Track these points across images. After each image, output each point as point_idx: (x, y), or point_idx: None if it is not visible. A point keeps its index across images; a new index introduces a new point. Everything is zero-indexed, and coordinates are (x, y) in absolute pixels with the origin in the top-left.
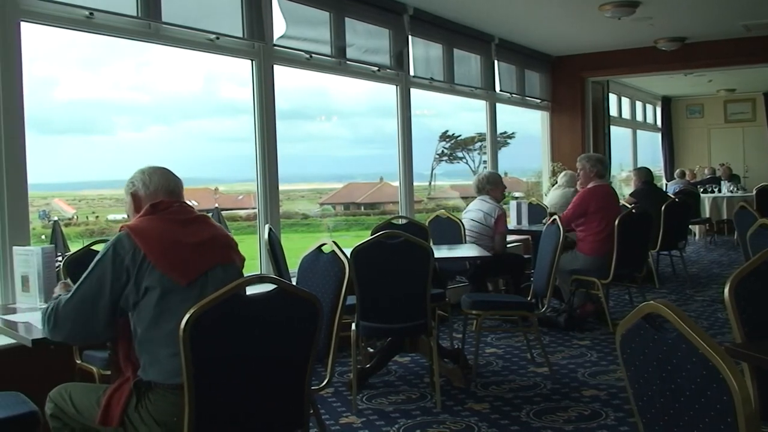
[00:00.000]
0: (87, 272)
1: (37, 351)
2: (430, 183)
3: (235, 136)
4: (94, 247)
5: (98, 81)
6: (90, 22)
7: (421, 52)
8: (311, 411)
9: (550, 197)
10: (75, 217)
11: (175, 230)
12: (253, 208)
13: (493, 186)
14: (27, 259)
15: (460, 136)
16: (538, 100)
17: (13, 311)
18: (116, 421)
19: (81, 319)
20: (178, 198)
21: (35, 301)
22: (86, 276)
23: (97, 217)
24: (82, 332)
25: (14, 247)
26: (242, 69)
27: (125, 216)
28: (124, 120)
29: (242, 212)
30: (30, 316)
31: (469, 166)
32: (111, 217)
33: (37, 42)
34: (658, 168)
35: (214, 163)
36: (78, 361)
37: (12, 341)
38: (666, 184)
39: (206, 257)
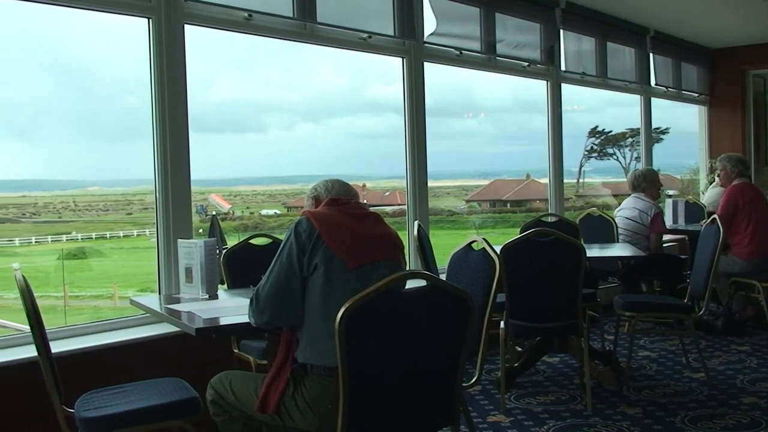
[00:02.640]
0: (276, 256)
1: (198, 339)
2: (578, 180)
3: (381, 133)
4: (252, 242)
5: (250, 81)
6: (249, 23)
7: (573, 47)
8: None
9: (708, 195)
10: (231, 212)
11: (349, 221)
12: (400, 205)
13: (649, 184)
14: (190, 251)
15: (610, 131)
16: (696, 95)
17: (177, 301)
18: (273, 409)
19: (280, 299)
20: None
21: (197, 292)
22: (276, 258)
23: (251, 212)
24: (282, 311)
25: (178, 240)
26: (388, 67)
27: (277, 212)
28: (275, 118)
29: (389, 208)
30: (193, 306)
31: (620, 163)
32: (264, 212)
33: (194, 44)
34: None
35: (360, 160)
36: (235, 351)
37: (176, 329)
38: None
39: (376, 249)
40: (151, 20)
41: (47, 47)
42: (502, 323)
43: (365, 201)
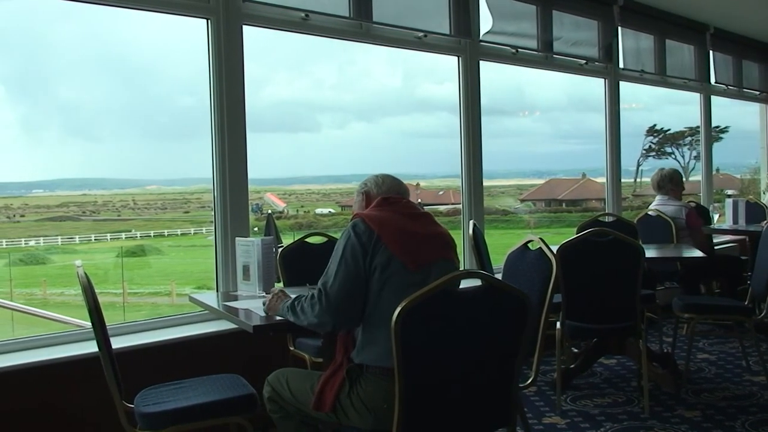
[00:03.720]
0: (336, 259)
1: (255, 337)
2: (635, 179)
3: (434, 132)
4: (308, 240)
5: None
6: (305, 23)
7: (631, 44)
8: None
9: None
10: (286, 210)
11: (405, 221)
12: (453, 204)
13: (674, 186)
14: (248, 249)
15: (669, 130)
16: (757, 92)
17: (234, 298)
18: (329, 407)
19: (349, 300)
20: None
21: (255, 290)
22: (340, 260)
23: (306, 211)
24: (351, 311)
25: (236, 238)
26: (440, 66)
27: (331, 210)
28: (328, 118)
29: (442, 207)
30: (250, 303)
31: (679, 162)
32: (318, 211)
33: (248, 43)
34: None
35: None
36: (291, 348)
37: (233, 326)
38: None
39: (432, 249)
40: (209, 21)
41: (107, 48)
42: (558, 324)
43: (419, 200)
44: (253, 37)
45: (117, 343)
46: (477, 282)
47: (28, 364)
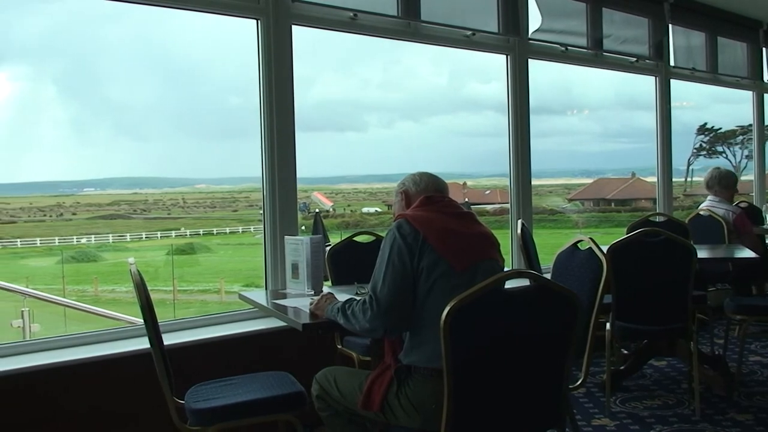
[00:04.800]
0: (383, 262)
1: (304, 335)
2: (685, 179)
3: (480, 131)
4: (356, 239)
5: (349, 80)
6: (353, 23)
7: (682, 41)
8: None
9: None
10: (332, 209)
11: (449, 221)
12: (500, 203)
13: (722, 188)
14: (297, 248)
15: (719, 129)
16: None
17: (283, 296)
18: (377, 406)
19: (400, 303)
20: (445, 195)
21: (303, 288)
22: (387, 262)
23: (353, 210)
24: (400, 315)
25: (285, 237)
26: (487, 65)
27: (378, 209)
28: (374, 117)
29: (489, 207)
30: (299, 301)
31: (730, 162)
32: (365, 210)
33: (296, 43)
34: None
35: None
36: (339, 346)
37: (281, 324)
38: None
39: (477, 249)
40: (259, 21)
41: (156, 49)
42: (608, 325)
43: (466, 199)
44: (300, 36)
45: (168, 339)
46: (525, 282)
47: (81, 360)
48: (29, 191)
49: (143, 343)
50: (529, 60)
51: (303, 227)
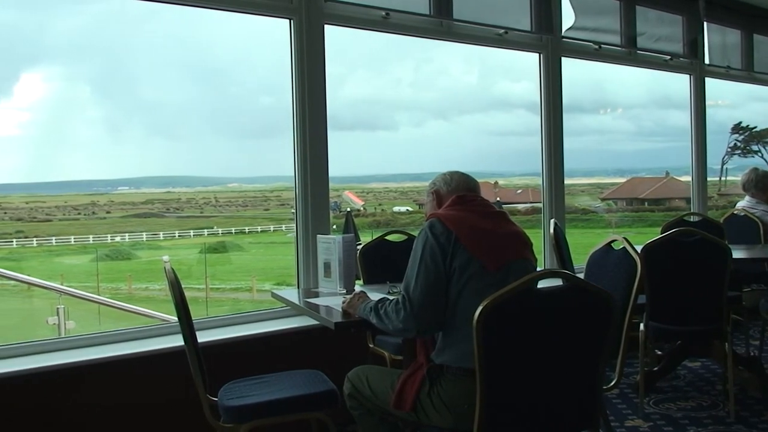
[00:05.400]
0: (415, 262)
1: (336, 333)
2: (720, 178)
3: (512, 130)
4: (388, 238)
5: (380, 79)
6: (386, 22)
7: (717, 39)
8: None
9: None
10: (363, 208)
11: (481, 220)
12: (532, 202)
13: (759, 191)
14: (329, 247)
15: (755, 127)
16: None
17: (315, 295)
18: (409, 406)
19: (432, 304)
20: (477, 195)
21: (335, 287)
22: (419, 262)
23: (383, 209)
24: (433, 315)
25: (317, 236)
26: (518, 63)
27: (408, 209)
28: (405, 116)
29: (521, 206)
30: (331, 300)
31: (765, 160)
32: (396, 209)
33: (327, 42)
34: None
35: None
36: (371, 345)
37: (313, 322)
38: None
39: (510, 248)
40: (292, 21)
41: (188, 49)
42: (642, 325)
43: (498, 198)
44: (331, 35)
45: (201, 337)
46: (557, 282)
47: (115, 357)
48: (64, 190)
49: (177, 341)
50: (562, 58)
51: (334, 226)
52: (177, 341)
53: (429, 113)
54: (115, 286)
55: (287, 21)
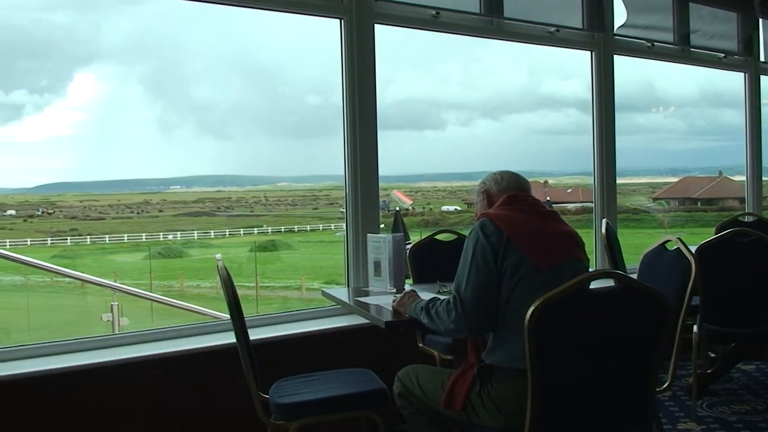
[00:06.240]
0: (466, 262)
1: (385, 332)
2: None
3: (561, 129)
4: (437, 237)
5: (428, 78)
6: (436, 21)
7: None
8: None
9: None
10: (412, 207)
11: (533, 220)
12: (582, 202)
13: None
14: (379, 246)
15: None
16: None
17: (365, 294)
18: (459, 406)
19: (485, 303)
20: (528, 194)
21: (385, 286)
22: (470, 262)
23: (431, 208)
24: (485, 316)
25: (368, 235)
26: (567, 61)
27: (457, 208)
28: (453, 115)
29: (571, 206)
30: (381, 299)
31: None
32: (444, 208)
33: (377, 42)
34: None
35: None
36: (420, 345)
37: (362, 321)
38: None
39: (562, 248)
40: (342, 21)
41: (238, 50)
42: (695, 327)
43: (548, 198)
44: (379, 34)
45: (251, 335)
46: (609, 282)
47: (168, 354)
48: (117, 189)
49: (228, 338)
50: (614, 56)
51: (382, 225)
52: (228, 338)
53: (477, 112)
54: (167, 283)
55: (338, 21)
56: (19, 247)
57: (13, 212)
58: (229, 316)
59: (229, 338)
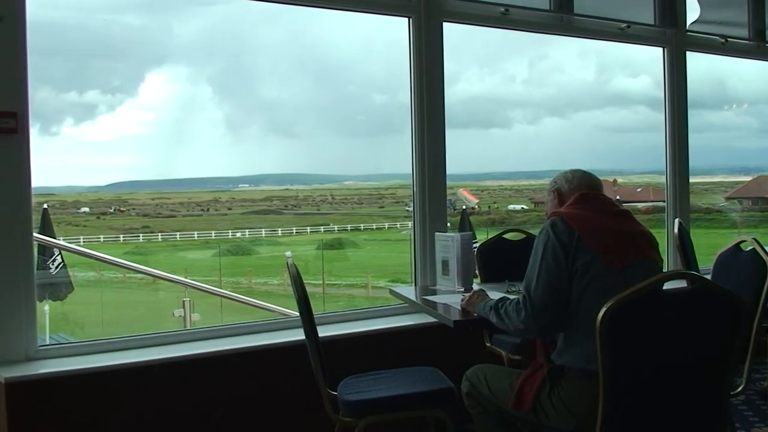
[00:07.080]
0: (536, 261)
1: (452, 331)
2: None
3: (630, 127)
4: (506, 236)
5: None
6: (505, 18)
7: None
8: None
9: None
10: (478, 206)
11: (605, 219)
12: (653, 201)
13: None
14: (446, 244)
15: None
16: None
17: (433, 293)
18: (528, 406)
19: (554, 304)
20: (600, 193)
21: (453, 285)
22: (540, 261)
23: (497, 207)
24: (555, 316)
25: (435, 234)
26: (636, 58)
27: (524, 207)
28: (519, 113)
29: (641, 205)
30: (449, 298)
31: None
32: (511, 207)
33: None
34: None
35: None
36: (487, 344)
37: (429, 320)
38: None
39: (635, 248)
40: (411, 19)
41: (306, 48)
42: None
43: (617, 197)
44: (446, 32)
45: (319, 332)
46: (682, 283)
47: (238, 349)
48: (188, 187)
49: (297, 335)
50: (687, 52)
51: (448, 224)
52: (297, 335)
53: (543, 110)
54: (236, 280)
55: (406, 19)
56: (92, 244)
57: (86, 210)
58: (297, 313)
59: (298, 335)
